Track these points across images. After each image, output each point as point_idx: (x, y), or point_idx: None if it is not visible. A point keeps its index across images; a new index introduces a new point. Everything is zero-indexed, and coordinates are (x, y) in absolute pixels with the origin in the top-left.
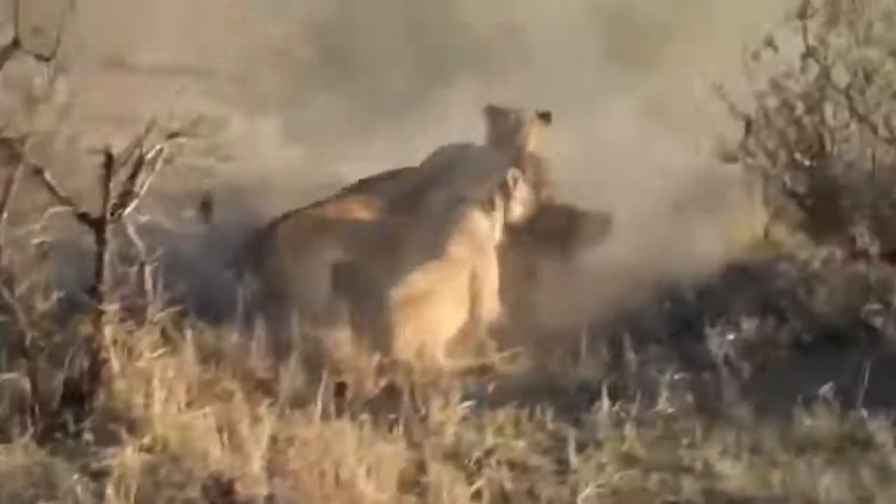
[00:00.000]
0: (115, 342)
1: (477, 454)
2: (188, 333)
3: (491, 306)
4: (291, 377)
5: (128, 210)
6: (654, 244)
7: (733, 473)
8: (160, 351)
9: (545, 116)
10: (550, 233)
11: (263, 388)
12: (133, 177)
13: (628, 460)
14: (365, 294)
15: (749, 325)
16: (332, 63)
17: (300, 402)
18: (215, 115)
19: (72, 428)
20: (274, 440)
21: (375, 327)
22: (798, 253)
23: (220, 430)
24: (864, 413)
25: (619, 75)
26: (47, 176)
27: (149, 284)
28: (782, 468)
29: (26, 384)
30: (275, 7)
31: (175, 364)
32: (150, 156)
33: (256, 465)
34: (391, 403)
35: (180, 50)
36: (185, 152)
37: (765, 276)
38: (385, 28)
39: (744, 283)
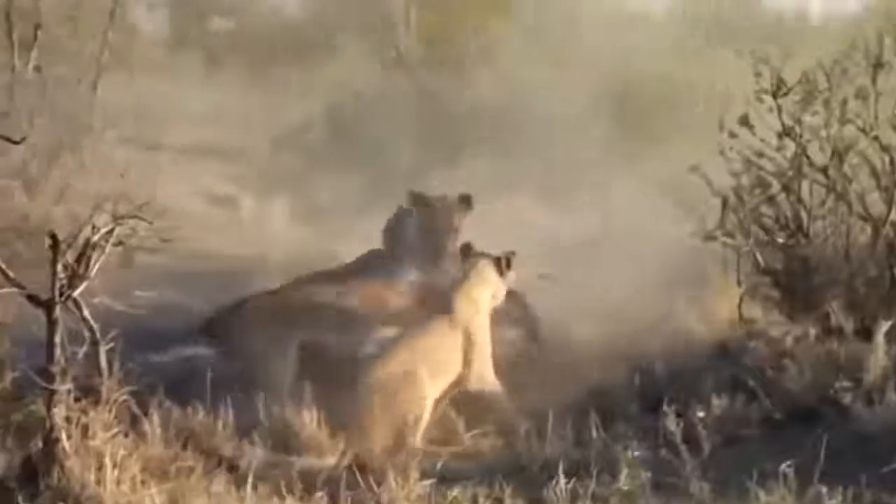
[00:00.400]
0: (68, 421)
1: None
2: (152, 412)
3: (482, 371)
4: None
5: (77, 292)
6: (633, 319)
7: None
8: (115, 430)
9: (466, 200)
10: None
11: (227, 465)
12: (79, 259)
13: None
14: (336, 380)
15: (720, 402)
16: (345, 144)
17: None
18: (227, 195)
19: None
20: None
21: (349, 417)
22: (770, 330)
23: None
24: (823, 489)
25: (622, 153)
26: None
27: (104, 363)
28: None
29: None
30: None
31: (130, 442)
32: (95, 238)
33: None
34: (351, 481)
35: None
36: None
37: (737, 354)
38: (397, 109)
39: (717, 360)
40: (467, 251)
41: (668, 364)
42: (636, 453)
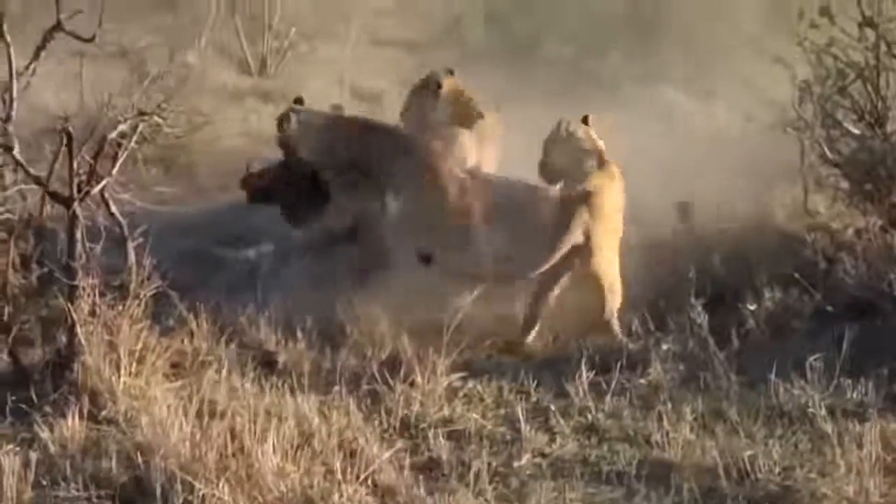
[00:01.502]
0: (93, 315)
1: (423, 425)
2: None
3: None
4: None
5: (96, 189)
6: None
7: (681, 442)
8: (140, 325)
9: (450, 72)
10: None
11: (265, 360)
12: (96, 156)
13: (585, 430)
14: None
15: (772, 294)
16: (497, 37)
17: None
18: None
19: (35, 400)
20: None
21: None
22: (832, 223)
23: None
24: (847, 381)
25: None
26: (17, 154)
27: (132, 259)
28: (740, 438)
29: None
30: None
31: (154, 337)
32: (112, 136)
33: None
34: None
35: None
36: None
37: (796, 246)
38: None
39: (774, 252)
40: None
41: (726, 257)
42: (665, 346)
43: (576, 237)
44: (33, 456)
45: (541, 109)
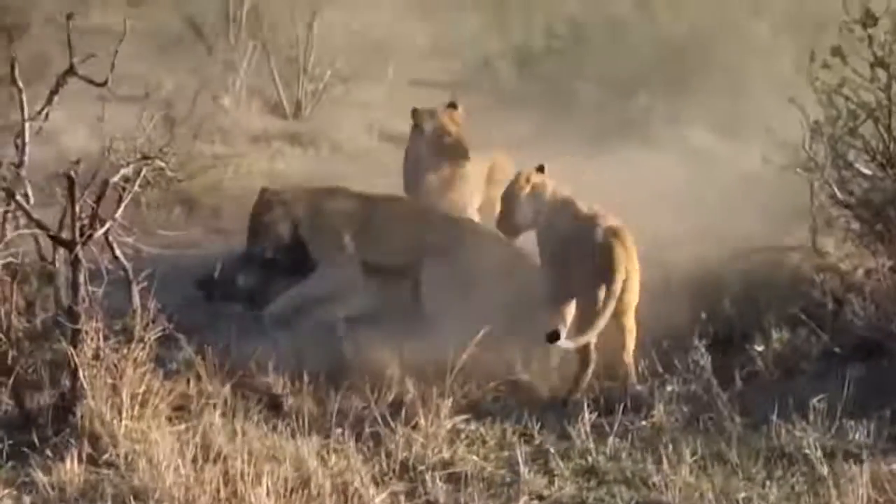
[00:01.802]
0: (97, 359)
1: (421, 467)
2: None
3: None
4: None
5: (98, 233)
6: (707, 248)
7: (680, 484)
8: (144, 368)
9: (452, 105)
10: None
11: (271, 403)
12: (98, 200)
13: (585, 472)
14: None
15: (780, 335)
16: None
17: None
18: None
19: (36, 444)
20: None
21: None
22: (842, 263)
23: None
24: (849, 423)
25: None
26: (20, 198)
27: (136, 302)
28: (738, 479)
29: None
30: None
31: (158, 380)
32: (114, 180)
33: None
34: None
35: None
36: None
37: (805, 287)
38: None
39: (784, 292)
40: None
41: (735, 297)
42: (669, 388)
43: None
44: (27, 500)
45: (571, 150)
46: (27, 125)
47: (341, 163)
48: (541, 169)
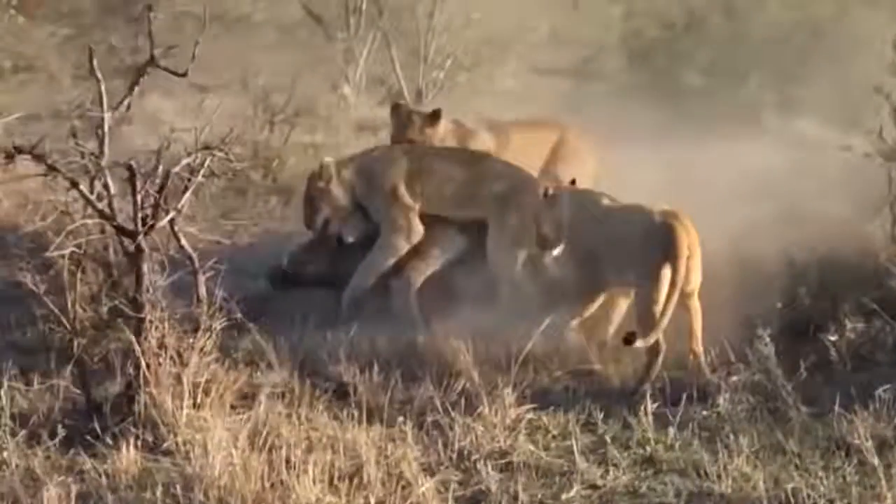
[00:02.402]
0: (161, 347)
1: (476, 456)
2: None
3: None
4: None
5: (161, 223)
6: (787, 237)
7: (735, 475)
8: (209, 357)
9: (435, 114)
10: None
11: (337, 391)
12: (161, 190)
13: (643, 462)
14: None
15: (853, 325)
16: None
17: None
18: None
19: (98, 432)
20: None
21: None
22: None
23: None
24: None
25: None
26: (83, 188)
27: (202, 292)
28: (793, 469)
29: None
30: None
31: (222, 369)
32: (176, 170)
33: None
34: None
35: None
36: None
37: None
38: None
39: (862, 282)
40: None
41: (812, 288)
42: (734, 378)
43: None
44: (73, 489)
45: (678, 138)
46: (107, 116)
47: None
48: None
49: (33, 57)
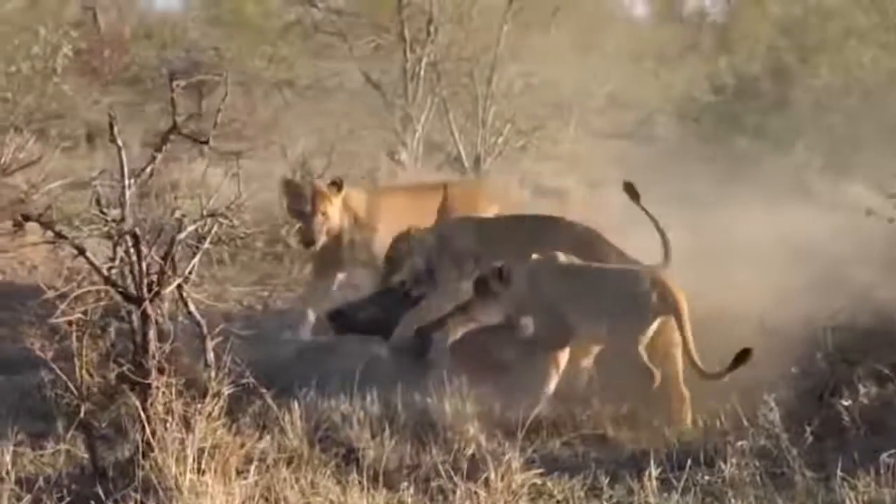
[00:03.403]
0: (168, 413)
1: None
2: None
3: None
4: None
5: (167, 290)
6: (814, 303)
7: None
8: (216, 423)
9: (336, 184)
10: None
11: (348, 458)
12: (166, 256)
13: None
14: None
15: (866, 390)
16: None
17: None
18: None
19: (102, 498)
20: None
21: None
22: None
23: None
24: None
25: None
26: (89, 255)
27: (210, 357)
28: None
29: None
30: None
31: (229, 435)
32: (181, 236)
33: None
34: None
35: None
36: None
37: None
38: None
39: (878, 348)
40: None
41: (827, 352)
42: (740, 442)
43: None
44: None
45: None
46: (128, 182)
47: None
48: None
49: (101, 123)
